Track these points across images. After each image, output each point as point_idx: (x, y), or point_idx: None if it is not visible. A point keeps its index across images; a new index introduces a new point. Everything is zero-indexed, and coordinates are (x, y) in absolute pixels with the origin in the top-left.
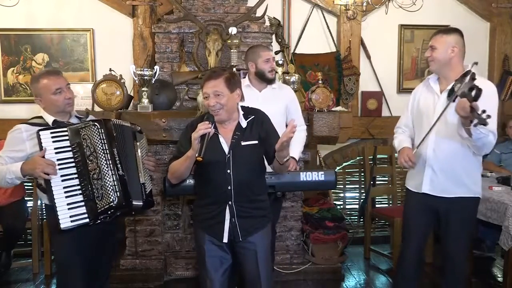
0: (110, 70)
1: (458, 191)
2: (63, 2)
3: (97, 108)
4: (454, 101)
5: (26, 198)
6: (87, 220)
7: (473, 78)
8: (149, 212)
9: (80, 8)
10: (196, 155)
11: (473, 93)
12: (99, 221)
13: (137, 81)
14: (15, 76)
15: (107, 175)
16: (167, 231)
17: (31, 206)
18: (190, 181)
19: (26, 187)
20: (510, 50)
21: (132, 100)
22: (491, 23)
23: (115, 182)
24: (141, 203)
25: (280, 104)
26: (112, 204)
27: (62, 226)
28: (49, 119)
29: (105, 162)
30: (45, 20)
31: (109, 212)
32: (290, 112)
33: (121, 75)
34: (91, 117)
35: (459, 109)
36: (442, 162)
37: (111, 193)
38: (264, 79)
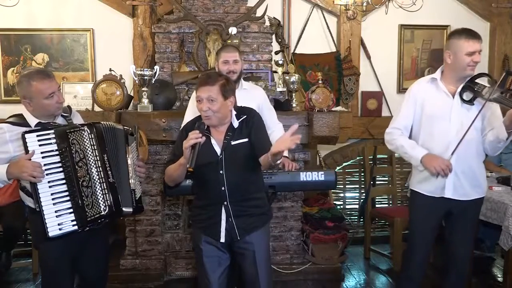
0: (110, 70)
1: (475, 193)
2: (63, 2)
3: (97, 108)
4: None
5: None
6: (76, 227)
7: (496, 81)
8: (149, 212)
9: (80, 8)
10: (188, 165)
11: None
12: (88, 228)
13: (137, 81)
14: (15, 76)
15: (97, 183)
16: (167, 231)
17: None
18: (190, 182)
19: None
20: (510, 50)
21: (132, 100)
22: (491, 23)
23: (105, 190)
24: (131, 210)
25: (251, 104)
26: (102, 213)
27: (50, 234)
28: (32, 121)
29: (95, 169)
30: (45, 20)
31: (99, 221)
32: (263, 112)
33: (121, 75)
34: (75, 113)
35: None
36: (464, 165)
37: (101, 202)
38: None
